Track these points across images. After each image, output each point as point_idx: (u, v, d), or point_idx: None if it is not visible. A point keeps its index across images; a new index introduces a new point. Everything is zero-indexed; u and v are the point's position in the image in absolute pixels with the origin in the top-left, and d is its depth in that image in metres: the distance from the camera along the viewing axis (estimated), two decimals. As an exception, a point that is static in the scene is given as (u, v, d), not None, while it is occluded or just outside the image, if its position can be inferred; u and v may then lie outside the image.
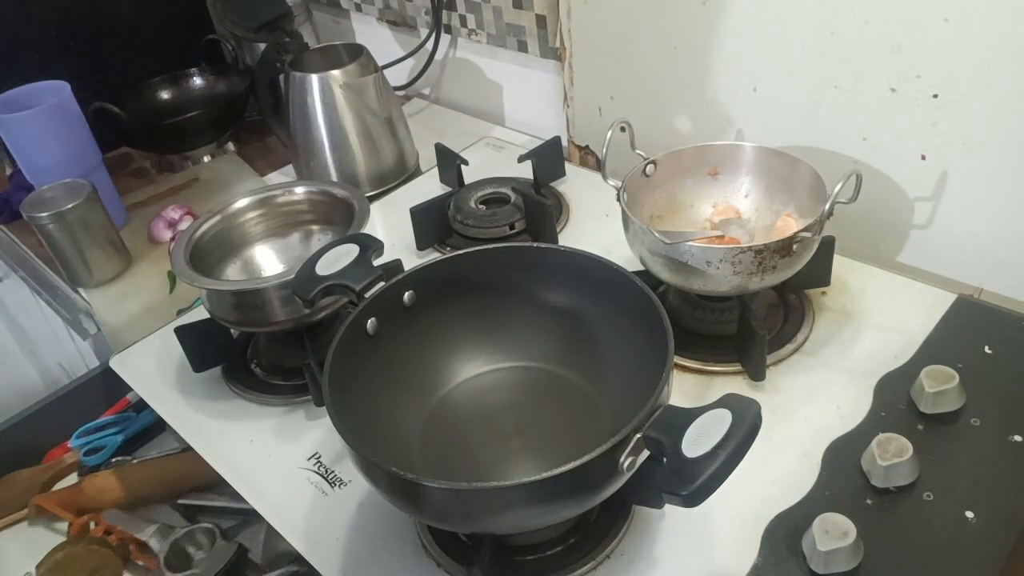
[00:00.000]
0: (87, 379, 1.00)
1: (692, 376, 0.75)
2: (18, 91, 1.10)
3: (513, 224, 0.95)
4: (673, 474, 0.46)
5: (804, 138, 0.87)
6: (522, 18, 1.12)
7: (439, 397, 0.69)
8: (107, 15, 1.34)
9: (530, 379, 0.70)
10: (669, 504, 0.46)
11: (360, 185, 1.10)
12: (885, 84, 0.78)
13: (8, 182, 1.25)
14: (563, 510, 0.55)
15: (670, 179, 0.83)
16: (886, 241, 0.86)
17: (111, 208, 1.07)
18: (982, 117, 0.73)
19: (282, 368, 0.83)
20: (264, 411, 0.79)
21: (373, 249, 0.66)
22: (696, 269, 0.70)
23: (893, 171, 0.82)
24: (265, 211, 0.88)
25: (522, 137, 1.19)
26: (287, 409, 0.79)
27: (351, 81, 1.05)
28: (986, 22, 0.69)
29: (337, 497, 0.69)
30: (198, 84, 1.39)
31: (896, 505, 0.60)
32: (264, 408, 0.80)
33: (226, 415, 0.80)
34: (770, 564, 0.58)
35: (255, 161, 1.30)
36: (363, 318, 0.64)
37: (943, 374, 0.65)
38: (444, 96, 1.37)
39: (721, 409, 0.47)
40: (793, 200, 0.79)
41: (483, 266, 0.69)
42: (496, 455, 0.66)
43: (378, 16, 1.38)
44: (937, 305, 0.76)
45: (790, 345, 0.76)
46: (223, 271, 0.85)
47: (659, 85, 0.98)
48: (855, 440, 0.65)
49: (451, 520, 0.56)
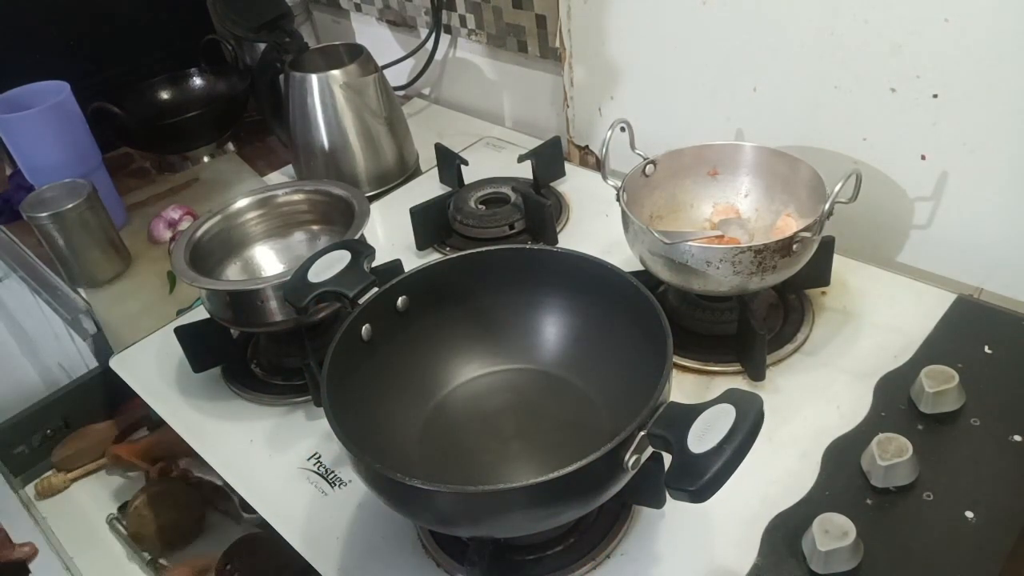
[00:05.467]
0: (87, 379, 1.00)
1: (692, 376, 0.75)
2: (18, 91, 1.10)
3: (513, 224, 0.95)
4: (680, 470, 0.46)
5: (804, 138, 0.87)
6: (522, 18, 1.12)
7: (437, 401, 0.69)
8: (107, 15, 1.34)
9: (528, 381, 0.70)
10: (676, 501, 0.46)
11: (360, 185, 1.10)
12: (885, 84, 0.78)
13: (8, 182, 1.25)
14: (567, 511, 0.54)
15: (670, 179, 0.83)
16: (886, 241, 0.86)
17: (111, 208, 1.07)
18: (982, 117, 0.73)
19: (282, 368, 0.83)
20: (264, 411, 0.79)
21: (365, 255, 0.66)
22: (696, 269, 0.70)
23: (893, 171, 0.82)
24: (265, 211, 0.88)
25: (522, 137, 1.19)
26: (287, 409, 0.79)
27: (351, 81, 1.05)
28: (986, 22, 0.69)
29: (337, 497, 0.69)
30: (198, 84, 1.40)
31: (896, 505, 0.60)
32: (264, 408, 0.79)
33: (226, 415, 0.80)
34: (770, 564, 0.58)
35: (255, 161, 1.30)
36: (357, 325, 0.64)
37: (943, 374, 0.65)
38: (444, 96, 1.37)
39: (725, 404, 0.48)
40: (793, 200, 0.79)
41: (478, 269, 0.69)
42: (496, 458, 0.66)
43: (378, 16, 1.38)
44: (937, 305, 0.76)
45: (790, 345, 0.76)
46: (223, 271, 0.85)
47: (659, 85, 0.98)
48: (855, 440, 0.65)
49: (455, 524, 0.56)
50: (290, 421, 0.78)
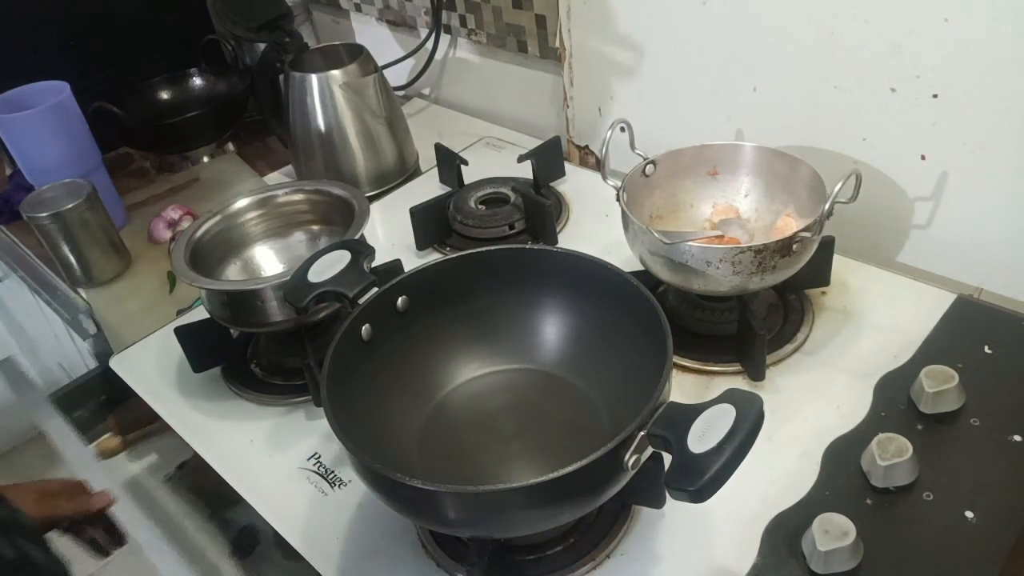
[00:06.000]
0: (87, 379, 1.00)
1: (692, 376, 0.75)
2: (18, 91, 1.10)
3: (513, 224, 0.95)
4: (680, 470, 0.46)
5: (804, 138, 0.87)
6: (522, 18, 1.12)
7: (437, 401, 0.69)
8: (107, 15, 1.34)
9: (528, 381, 0.70)
10: (676, 500, 0.46)
11: (360, 185, 1.10)
12: (885, 84, 0.78)
13: (8, 182, 1.25)
14: (567, 511, 0.54)
15: (670, 179, 0.83)
16: (886, 241, 0.86)
17: (111, 208, 1.07)
18: (982, 117, 0.73)
19: (282, 368, 0.83)
20: (264, 411, 0.79)
21: (365, 255, 0.66)
22: (696, 269, 0.70)
23: (893, 171, 0.82)
24: (265, 211, 0.88)
25: (522, 137, 1.19)
26: (287, 409, 0.79)
27: (351, 81, 1.05)
28: (986, 22, 0.69)
29: (337, 497, 0.69)
30: (198, 84, 1.39)
31: (896, 505, 0.60)
32: (264, 408, 0.79)
33: (226, 415, 0.80)
34: (770, 564, 0.58)
35: (255, 161, 1.30)
36: (357, 325, 0.64)
37: (943, 374, 0.65)
38: (444, 96, 1.37)
39: (724, 404, 0.48)
40: (793, 200, 0.79)
41: (478, 269, 0.69)
42: (496, 458, 0.66)
43: (378, 16, 1.38)
44: (937, 305, 0.76)
45: (790, 345, 0.76)
46: (223, 271, 0.85)
47: (659, 85, 0.98)
48: (855, 440, 0.65)
49: (455, 525, 0.56)
50: (290, 421, 0.78)
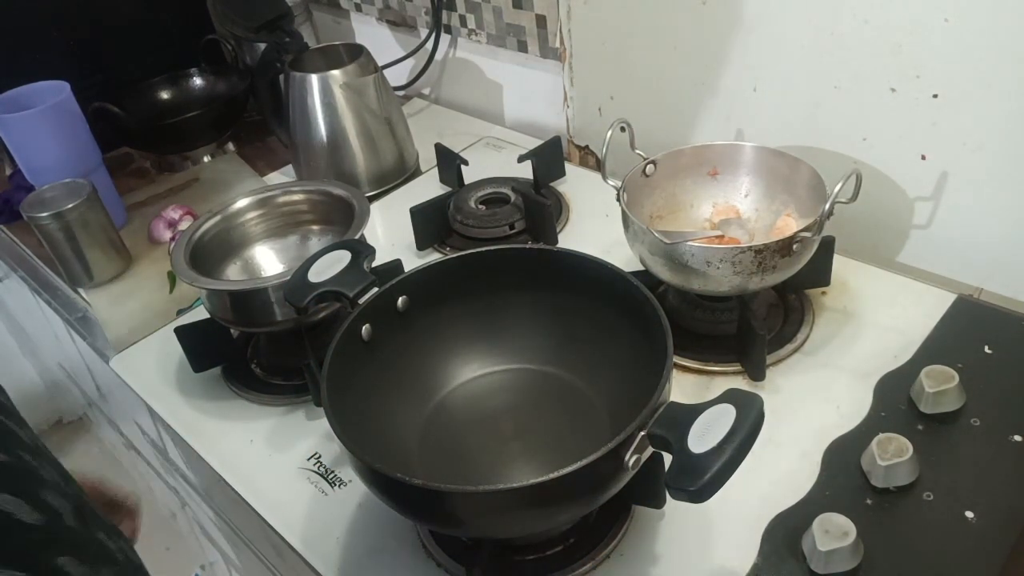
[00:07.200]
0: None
1: (692, 376, 0.75)
2: (18, 91, 1.10)
3: (513, 224, 0.95)
4: (680, 470, 0.46)
5: (804, 138, 0.87)
6: (522, 18, 1.12)
7: (437, 401, 0.69)
8: (107, 15, 1.34)
9: (528, 381, 0.70)
10: (676, 500, 0.46)
11: (360, 185, 1.10)
12: (885, 84, 0.78)
13: (8, 182, 1.25)
14: (567, 511, 0.55)
15: (670, 179, 0.83)
16: (886, 241, 0.86)
17: (111, 208, 1.06)
18: (982, 117, 0.73)
19: (282, 368, 0.83)
20: (264, 411, 0.79)
21: (365, 255, 0.66)
22: (696, 269, 0.70)
23: (893, 171, 0.82)
24: (265, 211, 0.88)
25: (522, 137, 1.19)
26: (287, 409, 0.79)
27: (351, 81, 1.05)
28: (986, 22, 0.69)
29: (337, 497, 0.69)
30: (198, 84, 1.39)
31: (896, 505, 0.60)
32: (264, 408, 0.79)
33: (226, 415, 0.79)
34: (770, 564, 0.58)
35: (255, 161, 1.30)
36: (357, 325, 0.64)
37: (943, 374, 0.65)
38: (444, 96, 1.37)
39: (725, 404, 0.48)
40: (793, 200, 0.79)
41: (478, 269, 0.69)
42: (496, 458, 0.66)
43: (378, 16, 1.38)
44: (937, 305, 0.76)
45: (790, 345, 0.76)
46: (223, 271, 0.85)
47: (659, 85, 0.98)
48: (855, 440, 0.65)
49: (455, 525, 0.56)
50: (290, 421, 0.78)
